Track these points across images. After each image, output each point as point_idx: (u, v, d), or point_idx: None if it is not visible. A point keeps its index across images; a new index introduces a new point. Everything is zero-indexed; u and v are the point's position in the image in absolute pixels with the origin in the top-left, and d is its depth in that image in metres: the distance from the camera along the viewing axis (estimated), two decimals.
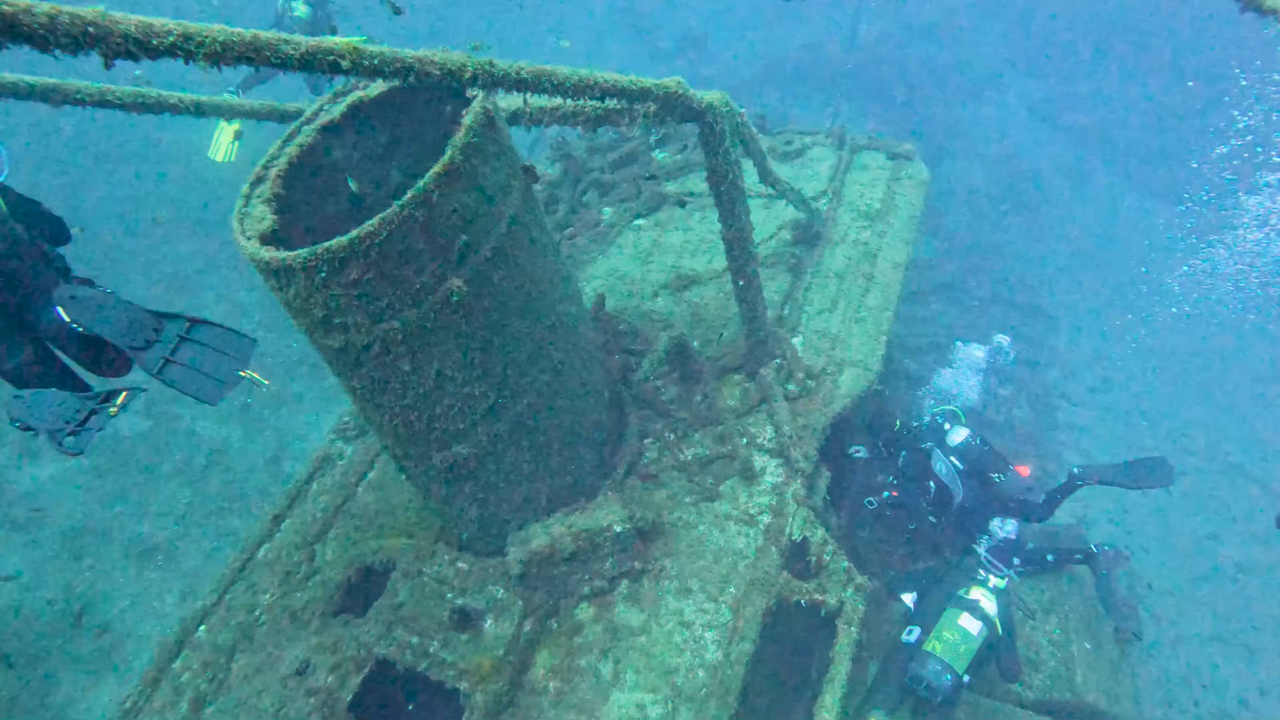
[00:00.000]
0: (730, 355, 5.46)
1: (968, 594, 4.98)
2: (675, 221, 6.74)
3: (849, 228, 6.27)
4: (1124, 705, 5.50)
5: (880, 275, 5.89)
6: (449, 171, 3.15)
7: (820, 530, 4.60)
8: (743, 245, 4.55)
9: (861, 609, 4.27)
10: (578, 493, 4.74)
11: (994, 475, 5.72)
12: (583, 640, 4.38)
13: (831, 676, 4.05)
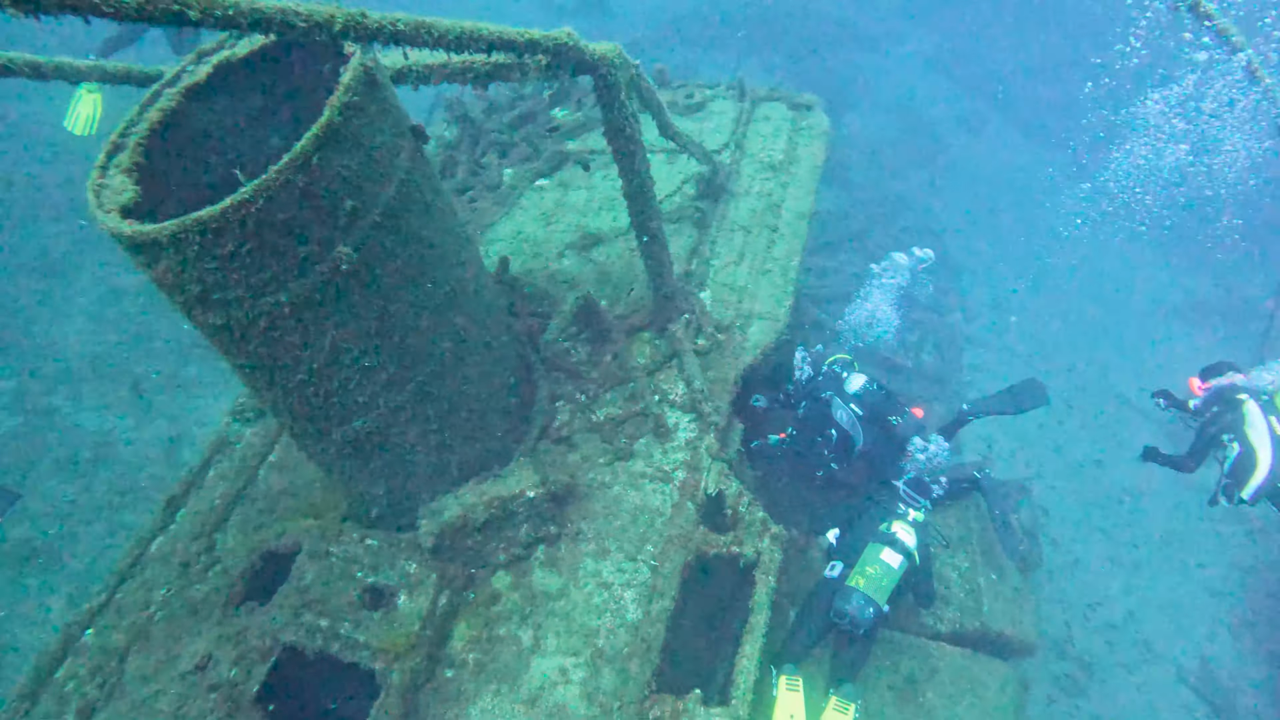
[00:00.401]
0: (639, 313, 5.40)
1: (888, 529, 5.07)
2: (578, 180, 6.59)
3: (752, 180, 6.26)
4: (1027, 629, 5.77)
5: (785, 226, 5.91)
6: (328, 133, 2.95)
7: (735, 483, 4.62)
8: (644, 201, 4.46)
9: (778, 558, 4.31)
10: (489, 460, 4.63)
11: (891, 419, 5.86)
12: (501, 609, 4.31)
13: (751, 627, 4.09)
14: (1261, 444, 5.00)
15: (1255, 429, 5.06)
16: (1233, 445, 5.11)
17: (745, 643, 4.04)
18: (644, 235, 4.63)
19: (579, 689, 4.01)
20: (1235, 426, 5.14)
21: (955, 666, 5.38)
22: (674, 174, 6.34)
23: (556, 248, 5.99)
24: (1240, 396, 5.23)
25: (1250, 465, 4.99)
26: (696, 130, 6.57)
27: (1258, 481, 4.95)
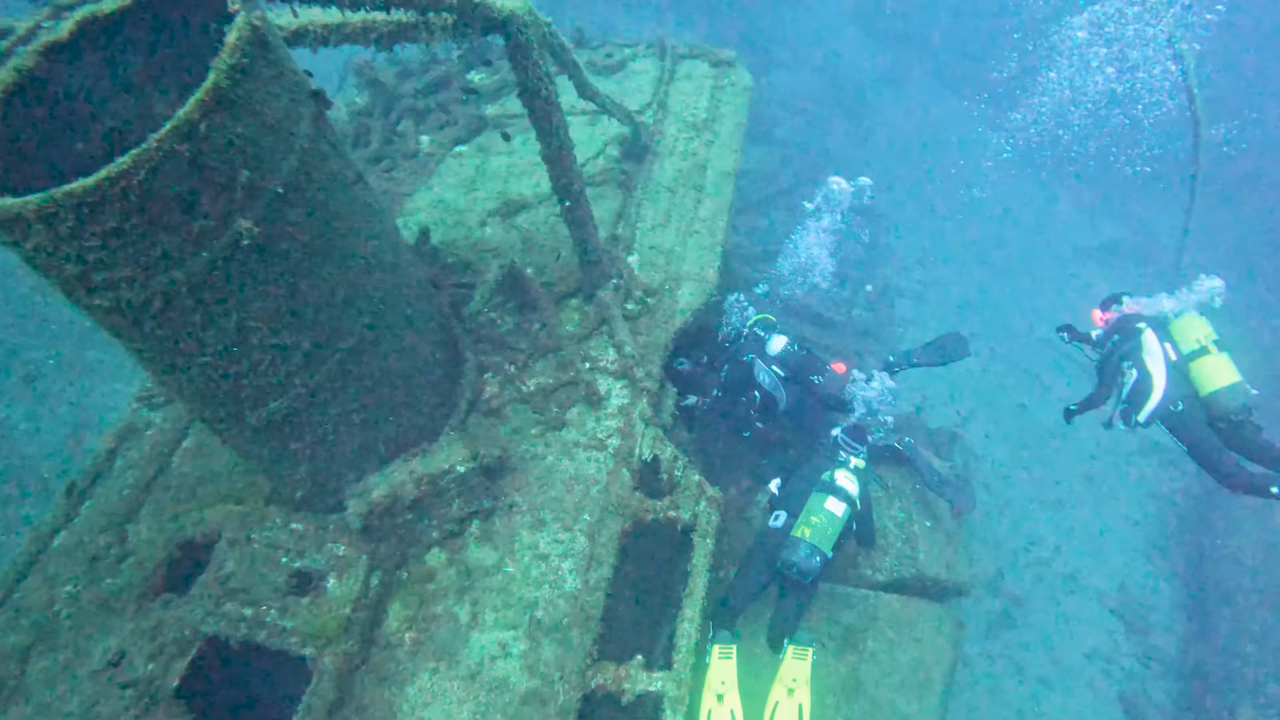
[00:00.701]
0: (566, 279, 5.31)
1: (831, 478, 5.10)
2: (499, 146, 6.42)
3: (676, 140, 6.18)
4: (961, 572, 5.95)
5: (711, 186, 5.85)
6: (215, 98, 2.75)
7: (669, 447, 4.60)
8: (565, 166, 4.35)
9: (716, 521, 4.33)
10: (418, 436, 4.51)
11: (814, 378, 5.91)
12: (436, 586, 4.24)
13: (691, 590, 4.10)
14: (1157, 369, 5.15)
15: (1151, 355, 5.22)
16: (1131, 372, 5.26)
17: (685, 606, 4.05)
18: (566, 200, 4.52)
19: (519, 662, 3.98)
20: (1134, 354, 5.28)
21: (893, 614, 5.52)
22: (596, 136, 6.22)
23: (478, 216, 5.83)
24: (1139, 325, 5.38)
25: (1146, 390, 5.13)
26: (617, 90, 6.44)
27: (1152, 405, 5.10)
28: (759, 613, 5.18)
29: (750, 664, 5.10)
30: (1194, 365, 5.16)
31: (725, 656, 4.61)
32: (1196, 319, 5.33)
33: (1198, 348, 5.17)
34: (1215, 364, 5.11)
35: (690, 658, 3.92)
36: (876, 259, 13.00)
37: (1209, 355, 5.13)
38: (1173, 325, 5.36)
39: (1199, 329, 5.25)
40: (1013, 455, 10.73)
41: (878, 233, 13.40)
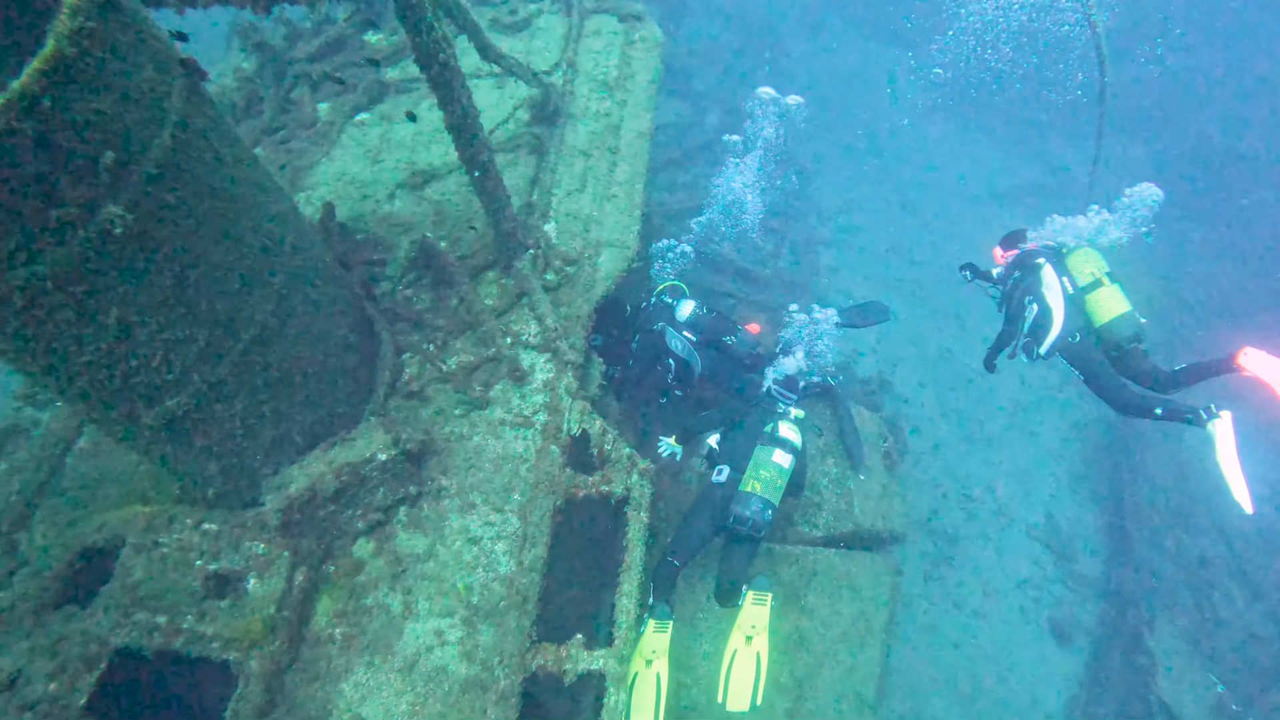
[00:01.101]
0: (481, 251, 5.12)
1: (776, 430, 5.09)
2: (403, 111, 6.10)
3: (588, 100, 5.97)
4: (896, 521, 6.05)
5: (626, 148, 5.69)
6: (57, 68, 2.46)
7: (598, 420, 4.51)
8: (471, 134, 4.14)
9: (649, 493, 4.26)
10: (336, 424, 4.34)
11: (726, 338, 5.93)
12: (366, 578, 4.10)
13: (628, 565, 4.05)
14: (1055, 302, 5.28)
15: (1050, 289, 5.34)
16: (1032, 307, 5.38)
17: (623, 581, 4.00)
18: (475, 171, 4.32)
19: (457, 649, 3.90)
20: (1034, 289, 5.40)
21: (832, 568, 5.59)
22: (505, 99, 5.98)
23: (386, 188, 5.57)
24: (1039, 261, 5.49)
25: (1047, 323, 5.26)
26: (524, 50, 6.19)
27: (1052, 338, 5.24)
28: (698, 570, 5.20)
29: (696, 622, 5.14)
30: (1089, 298, 5.30)
31: (660, 630, 4.59)
32: (1090, 253, 5.47)
33: (1092, 280, 5.31)
34: (1108, 296, 5.25)
35: (631, 634, 3.89)
36: (799, 210, 13.01)
37: (1103, 287, 5.28)
38: (1069, 260, 5.48)
39: (1093, 263, 5.38)
40: (941, 398, 10.97)
41: (799, 182, 13.39)
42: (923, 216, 13.92)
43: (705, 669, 5.15)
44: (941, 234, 13.63)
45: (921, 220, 13.85)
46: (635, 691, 4.38)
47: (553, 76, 5.99)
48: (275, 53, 6.38)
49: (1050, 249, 5.64)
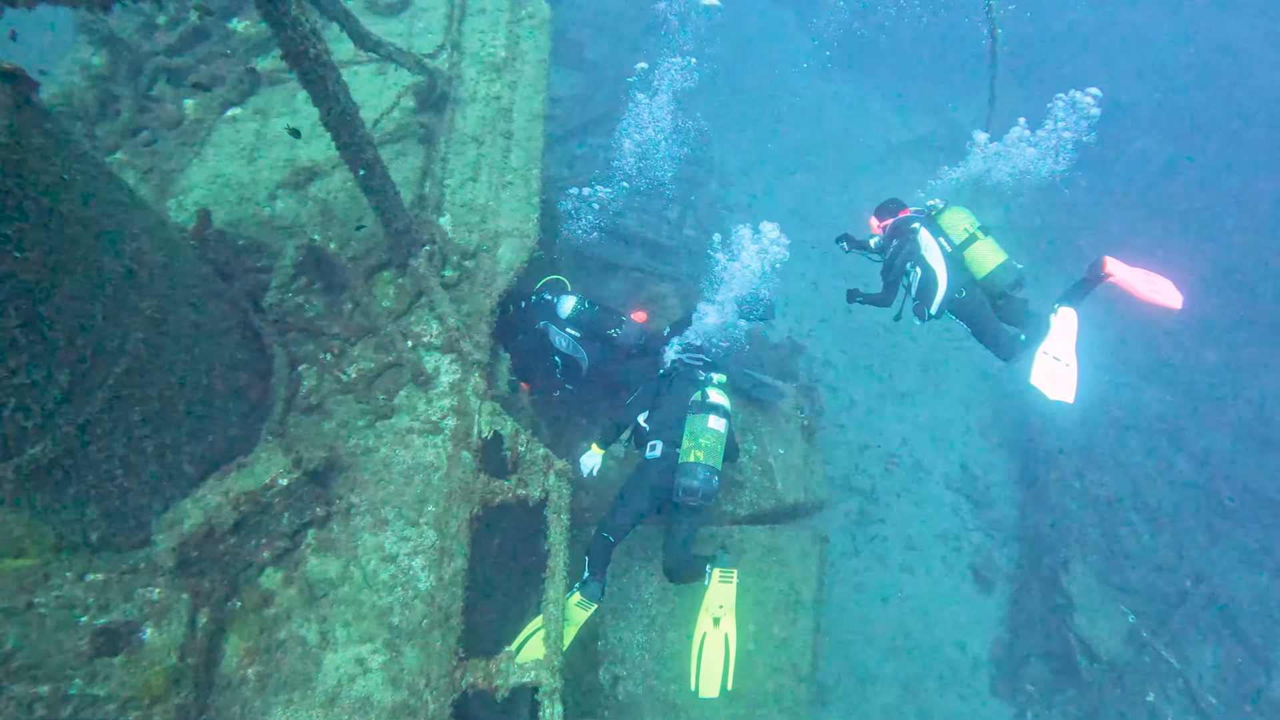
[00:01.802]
0: (374, 251, 4.84)
1: (706, 397, 5.05)
2: (279, 105, 5.71)
3: (477, 84, 5.68)
4: (819, 490, 6.09)
5: (520, 132, 5.45)
6: None
7: (509, 421, 4.34)
8: (350, 130, 3.85)
9: (568, 494, 4.13)
10: (231, 448, 4.05)
11: (611, 332, 5.89)
12: (277, 610, 3.87)
13: (551, 570, 3.93)
14: (937, 264, 5.42)
15: (930, 251, 5.47)
16: (915, 271, 5.52)
17: (548, 588, 3.88)
18: (359, 170, 4.04)
19: (381, 675, 3.72)
20: (914, 254, 5.53)
21: (759, 545, 5.58)
22: (388, 87, 5.63)
23: (266, 188, 5.20)
24: (914, 226, 5.61)
25: (933, 284, 5.40)
26: (404, 33, 5.84)
27: (940, 297, 5.39)
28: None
29: (626, 612, 5.06)
30: (967, 254, 5.46)
31: (582, 608, 4.53)
32: (960, 211, 5.62)
33: (967, 237, 5.47)
34: (985, 248, 5.43)
35: (561, 643, 3.77)
36: (701, 177, 12.93)
37: (978, 241, 5.45)
38: (940, 221, 5.60)
39: (964, 220, 5.54)
40: (853, 357, 11.13)
41: (700, 149, 13.29)
42: (823, 176, 14.05)
43: (639, 659, 5.09)
44: (842, 193, 13.79)
45: (822, 180, 13.97)
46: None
47: (437, 60, 5.67)
48: (127, 46, 5.83)
49: (922, 213, 5.76)
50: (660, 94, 7.78)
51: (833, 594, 8.10)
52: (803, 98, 15.18)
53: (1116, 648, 8.01)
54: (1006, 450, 10.52)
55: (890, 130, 15.26)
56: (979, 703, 8.11)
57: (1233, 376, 12.65)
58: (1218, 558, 9.88)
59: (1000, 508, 9.79)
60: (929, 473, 10.05)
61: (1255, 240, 14.82)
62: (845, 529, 8.96)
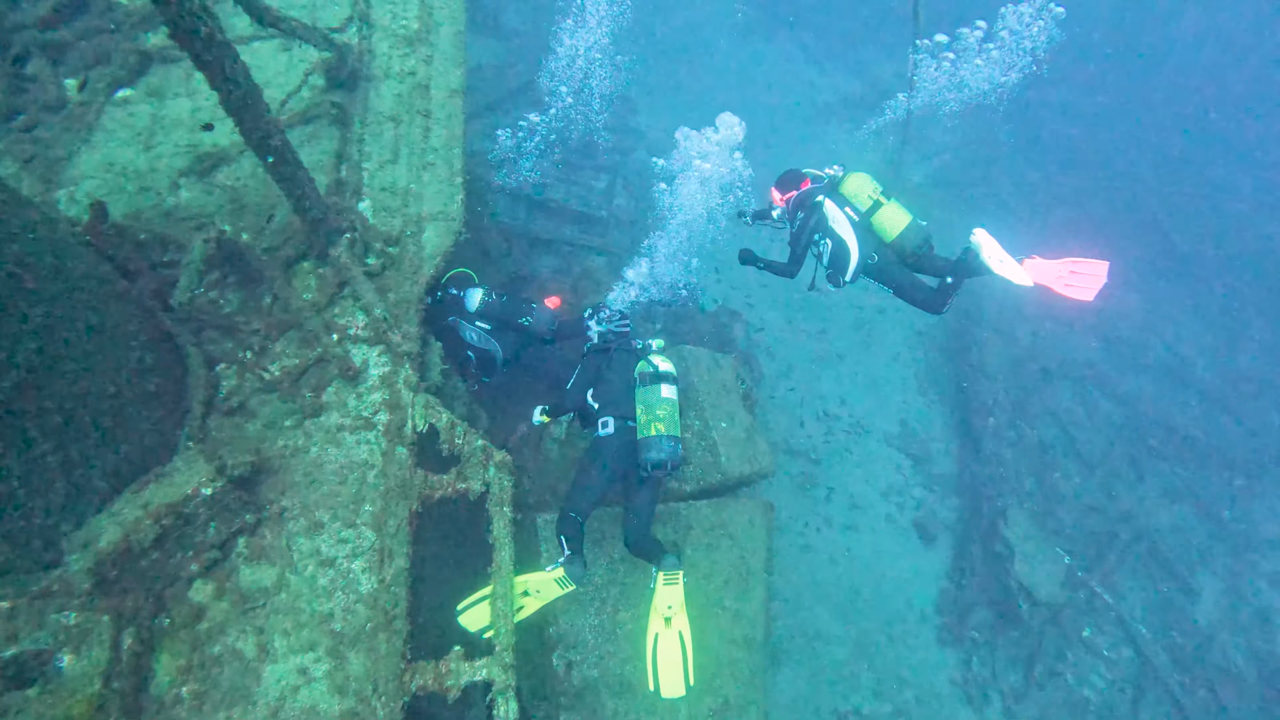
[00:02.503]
0: (291, 240, 4.59)
1: (651, 365, 5.01)
2: (175, 84, 5.32)
3: (390, 59, 5.38)
4: (762, 459, 6.07)
5: (439, 108, 5.20)
6: None
7: (445, 413, 4.18)
8: (254, 115, 3.59)
9: (509, 486, 4.01)
10: (148, 458, 3.82)
11: (522, 320, 5.81)
12: (209, 624, 3.69)
13: (498, 564, 3.82)
14: (846, 233, 5.51)
15: (838, 222, 5.54)
16: (825, 243, 5.59)
17: (495, 584, 3.76)
18: (267, 156, 3.79)
19: (326, 684, 3.58)
20: (822, 225, 5.59)
21: (705, 519, 5.55)
22: (294, 64, 5.30)
23: (167, 177, 4.87)
24: (818, 199, 5.65)
25: (845, 253, 5.49)
26: (308, 5, 5.51)
27: (853, 265, 5.50)
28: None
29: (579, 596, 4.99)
30: (874, 219, 5.56)
31: (564, 586, 4.48)
32: (861, 177, 5.69)
33: (873, 203, 5.57)
34: (891, 213, 5.53)
35: (512, 638, 3.68)
36: (627, 145, 12.73)
37: (884, 206, 5.55)
38: (843, 190, 5.67)
39: (867, 186, 5.63)
40: (789, 321, 11.14)
41: (624, 115, 13.08)
42: (751, 136, 13.95)
43: (592, 642, 5.04)
44: (768, 154, 13.75)
45: (749, 142, 13.89)
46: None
47: (346, 35, 5.36)
48: None
49: (823, 182, 5.81)
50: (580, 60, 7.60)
51: (781, 557, 8.17)
52: (726, 59, 15.04)
53: (1054, 590, 8.28)
54: (943, 404, 10.72)
55: (816, 91, 15.25)
56: (927, 653, 8.31)
57: (1150, 320, 13.12)
58: (1144, 495, 10.29)
59: (940, 462, 9.98)
60: (869, 431, 10.17)
61: (1169, 186, 15.35)
62: (790, 492, 9.01)
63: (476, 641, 3.95)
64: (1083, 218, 13.79)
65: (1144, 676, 8.66)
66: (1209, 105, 17.42)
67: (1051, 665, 8.38)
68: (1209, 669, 8.90)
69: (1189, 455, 11.05)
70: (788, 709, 7.48)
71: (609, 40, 8.28)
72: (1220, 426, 11.72)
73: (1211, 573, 9.98)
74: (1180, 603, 9.48)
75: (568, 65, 7.88)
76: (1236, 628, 9.48)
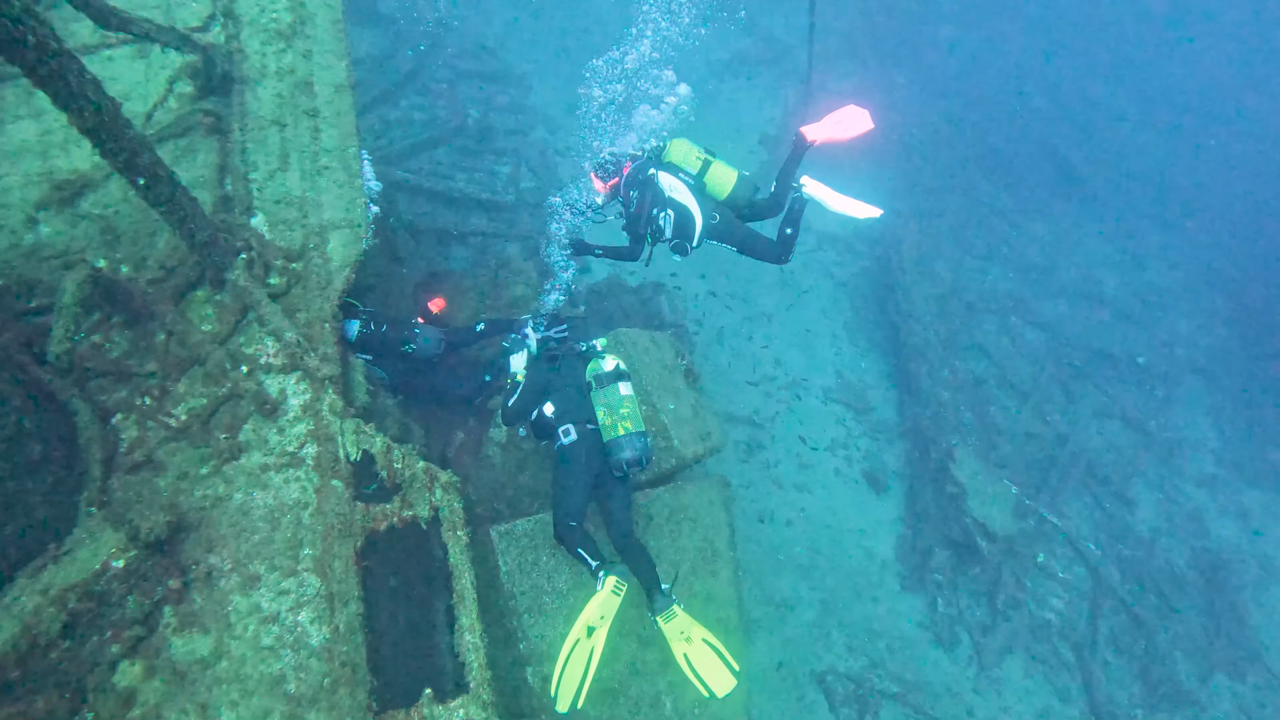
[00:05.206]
0: (180, 268, 4.12)
1: (603, 367, 4.93)
2: (17, 104, 4.72)
3: (265, 57, 4.85)
4: (715, 436, 5.88)
5: (326, 106, 4.73)
6: None
7: (379, 437, 3.83)
8: (113, 131, 3.13)
9: (460, 508, 3.70)
10: (41, 536, 3.38)
11: (406, 348, 5.66)
12: (143, 710, 3.28)
13: (460, 594, 3.52)
14: (686, 199, 5.50)
15: (675, 190, 5.52)
16: (667, 213, 5.53)
17: (460, 615, 3.47)
18: (138, 179, 3.34)
19: None
20: (659, 198, 5.53)
21: (665, 506, 5.35)
22: (154, 71, 4.76)
23: (22, 211, 4.31)
24: (650, 172, 5.58)
25: (688, 219, 5.48)
26: (162, 6, 4.95)
27: (698, 230, 5.51)
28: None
29: (543, 608, 4.75)
30: (706, 179, 5.64)
31: (616, 593, 4.32)
32: (683, 143, 5.73)
33: (702, 163, 5.64)
34: (719, 171, 5.64)
35: (486, 671, 3.39)
36: (526, 124, 12.31)
37: (713, 165, 5.65)
38: (670, 158, 5.68)
39: (690, 151, 5.69)
40: (713, 287, 10.98)
41: (520, 96, 12.63)
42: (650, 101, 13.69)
43: None
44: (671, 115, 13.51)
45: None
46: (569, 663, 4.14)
47: (209, 34, 4.84)
48: None
49: (645, 158, 5.76)
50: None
51: (738, 528, 8.07)
52: (614, 26, 14.67)
53: (1007, 521, 8.41)
54: (876, 352, 10.76)
55: (707, 49, 15.02)
56: (892, 602, 8.35)
57: (1059, 245, 13.49)
58: (1075, 416, 10.58)
59: (881, 409, 10.03)
60: (807, 388, 10.13)
61: (1059, 112, 15.76)
62: (737, 460, 8.91)
63: (446, 681, 3.65)
64: (986, 152, 14.04)
65: (1098, 592, 8.92)
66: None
67: (1012, 595, 8.54)
68: (1156, 575, 9.23)
69: (1111, 373, 11.42)
70: (765, 679, 7.40)
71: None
72: (1136, 340, 12.16)
73: (1145, 483, 10.35)
74: (1121, 515, 9.80)
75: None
76: (1174, 532, 9.87)
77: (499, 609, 4.71)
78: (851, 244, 12.01)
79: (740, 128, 13.32)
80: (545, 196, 11.27)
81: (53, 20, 2.88)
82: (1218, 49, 19.21)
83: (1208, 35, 19.45)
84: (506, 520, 5.06)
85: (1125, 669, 8.52)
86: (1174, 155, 16.48)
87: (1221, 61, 18.87)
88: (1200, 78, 18.45)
